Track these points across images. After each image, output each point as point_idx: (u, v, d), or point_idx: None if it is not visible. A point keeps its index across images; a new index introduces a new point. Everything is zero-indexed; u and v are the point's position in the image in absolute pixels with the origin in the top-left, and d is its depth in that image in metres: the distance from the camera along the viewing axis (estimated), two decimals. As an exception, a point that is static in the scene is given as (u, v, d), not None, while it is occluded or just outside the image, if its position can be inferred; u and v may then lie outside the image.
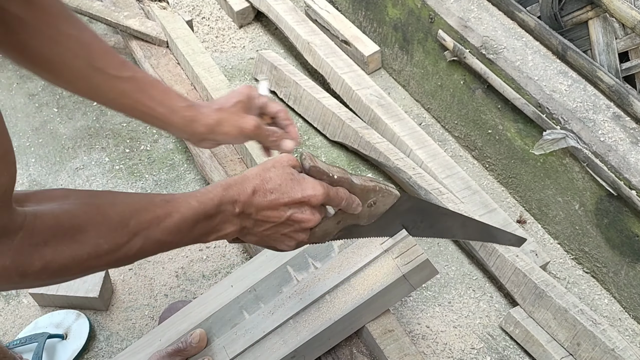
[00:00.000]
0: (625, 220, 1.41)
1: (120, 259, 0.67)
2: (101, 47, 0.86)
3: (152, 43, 1.88)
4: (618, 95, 1.44)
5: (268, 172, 0.79)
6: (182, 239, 0.73)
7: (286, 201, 0.78)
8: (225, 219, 0.76)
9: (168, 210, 0.70)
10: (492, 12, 1.70)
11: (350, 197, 0.85)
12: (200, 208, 0.73)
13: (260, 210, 0.78)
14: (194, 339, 1.11)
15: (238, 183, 0.78)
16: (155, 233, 0.69)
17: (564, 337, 1.34)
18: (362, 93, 1.84)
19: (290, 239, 0.83)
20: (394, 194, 0.91)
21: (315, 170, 0.82)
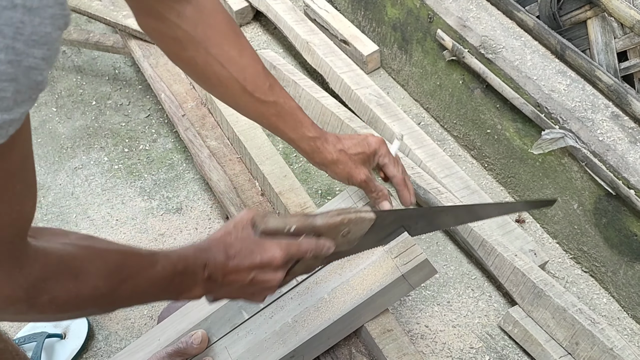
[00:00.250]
0: (624, 220, 1.41)
1: (113, 303, 0.71)
2: (255, 71, 0.96)
3: (151, 42, 1.88)
4: (617, 94, 1.44)
5: (229, 237, 0.82)
6: (159, 293, 0.77)
7: (247, 265, 0.80)
8: (195, 282, 0.79)
9: (152, 261, 0.73)
10: (491, 12, 1.70)
11: (317, 244, 0.85)
12: (179, 265, 0.76)
13: (225, 275, 0.80)
14: (196, 340, 1.11)
15: (207, 249, 0.80)
16: (141, 281, 0.72)
17: (562, 337, 1.34)
18: (361, 92, 1.84)
19: (257, 295, 0.86)
20: (368, 218, 0.89)
21: (268, 231, 0.82)
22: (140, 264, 0.72)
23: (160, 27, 0.93)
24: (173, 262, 0.75)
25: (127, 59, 2.14)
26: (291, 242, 0.83)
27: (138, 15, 0.94)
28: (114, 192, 1.74)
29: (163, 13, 0.90)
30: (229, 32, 0.94)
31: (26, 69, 0.44)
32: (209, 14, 0.93)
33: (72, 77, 2.11)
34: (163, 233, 1.64)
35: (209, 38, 0.93)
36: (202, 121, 1.71)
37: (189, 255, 0.78)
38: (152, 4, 0.90)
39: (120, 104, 2.01)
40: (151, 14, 0.91)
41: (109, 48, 1.99)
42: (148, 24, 0.94)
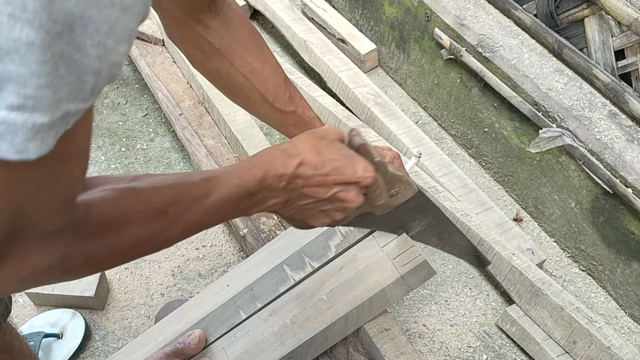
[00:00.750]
0: (621, 218, 1.41)
1: (160, 245, 0.65)
2: (276, 82, 0.97)
3: (148, 41, 1.88)
4: (614, 93, 1.44)
5: (319, 144, 0.74)
6: (223, 218, 0.70)
7: (336, 178, 0.73)
8: (270, 194, 0.71)
9: (207, 189, 0.66)
10: (489, 10, 1.70)
11: (383, 187, 0.81)
12: (242, 186, 0.68)
13: (307, 185, 0.73)
14: (193, 340, 1.11)
15: (286, 155, 0.72)
16: (195, 216, 0.66)
17: (560, 335, 1.34)
18: (359, 91, 1.84)
19: (327, 216, 0.78)
20: (414, 187, 0.87)
21: (364, 149, 0.76)
22: (192, 197, 0.65)
23: (187, 38, 0.95)
24: (235, 186, 0.68)
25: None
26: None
27: (166, 24, 0.96)
28: (111, 192, 1.73)
29: (190, 25, 0.93)
30: (252, 44, 0.97)
31: (110, 65, 0.45)
32: (234, 26, 0.95)
33: (69, 76, 2.10)
34: (160, 232, 1.64)
35: (234, 50, 0.95)
36: (200, 120, 1.71)
37: (257, 172, 0.70)
38: (181, 16, 0.92)
39: (117, 103, 2.00)
40: (179, 24, 0.94)
41: (106, 47, 1.98)
42: (175, 34, 0.97)
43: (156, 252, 0.68)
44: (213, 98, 1.68)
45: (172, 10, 0.92)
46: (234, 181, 0.68)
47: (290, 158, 0.72)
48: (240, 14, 0.97)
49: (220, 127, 1.69)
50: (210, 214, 0.67)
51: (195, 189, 0.66)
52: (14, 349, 1.07)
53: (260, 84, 0.97)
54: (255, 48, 0.97)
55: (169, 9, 0.93)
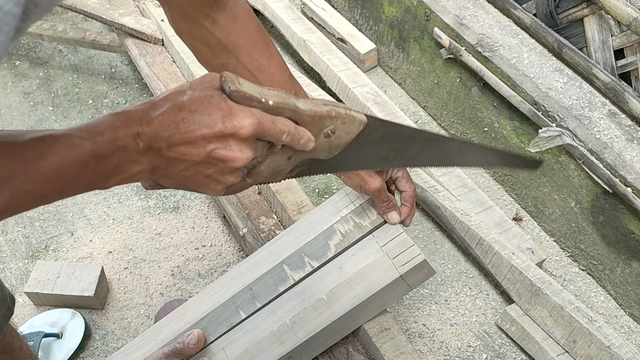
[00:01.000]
0: (621, 218, 1.41)
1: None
2: (282, 79, 0.96)
3: (148, 41, 1.88)
4: (614, 92, 1.44)
5: (182, 96, 0.62)
6: (66, 187, 0.59)
7: (204, 133, 0.61)
8: (128, 158, 0.60)
9: (41, 150, 0.55)
10: (488, 10, 1.70)
11: (297, 130, 0.67)
12: (86, 146, 0.57)
13: (172, 146, 0.62)
14: (192, 340, 1.11)
15: (141, 110, 0.61)
16: (26, 183, 0.55)
17: (560, 335, 1.34)
18: (358, 91, 1.84)
19: (216, 181, 0.66)
20: (358, 119, 0.73)
21: (239, 95, 0.63)
22: (19, 159, 0.55)
23: (194, 33, 0.94)
24: (77, 146, 0.57)
25: (124, 58, 2.14)
26: (264, 113, 0.65)
27: (173, 19, 0.95)
28: (111, 191, 1.73)
29: (198, 19, 0.92)
30: (259, 41, 0.96)
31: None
32: (241, 22, 0.94)
33: (69, 75, 2.11)
34: (160, 232, 1.64)
35: (240, 46, 0.94)
36: (199, 120, 1.71)
37: (104, 129, 0.59)
38: (188, 10, 0.92)
39: (117, 102, 2.00)
40: (186, 19, 0.93)
41: (106, 47, 1.98)
42: (182, 29, 0.96)
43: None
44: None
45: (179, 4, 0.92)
46: (75, 140, 0.57)
47: (146, 114, 0.61)
48: (247, 9, 0.96)
49: (220, 126, 1.69)
50: (48, 181, 0.56)
51: (24, 149, 0.55)
52: (14, 349, 1.07)
53: (266, 80, 0.96)
54: (261, 44, 0.96)
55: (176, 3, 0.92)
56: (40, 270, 1.46)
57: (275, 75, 0.97)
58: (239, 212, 1.46)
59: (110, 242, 1.61)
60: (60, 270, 1.46)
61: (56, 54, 2.19)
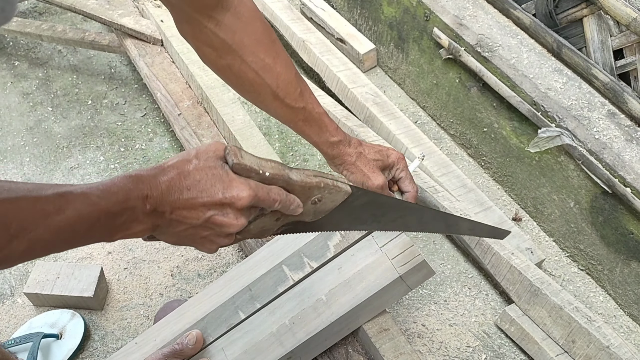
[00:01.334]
0: (620, 218, 1.42)
1: (1, 260, 0.60)
2: (287, 78, 0.96)
3: (147, 41, 1.88)
4: (613, 92, 1.44)
5: (188, 165, 0.69)
6: (79, 239, 0.65)
7: (205, 201, 0.68)
8: (134, 217, 0.66)
9: (59, 205, 0.61)
10: (487, 10, 1.70)
11: (287, 198, 0.75)
12: (101, 204, 0.63)
13: (175, 209, 0.68)
14: (190, 341, 1.11)
15: (151, 176, 0.68)
16: (43, 233, 0.60)
17: (559, 335, 1.34)
18: (358, 91, 1.84)
19: (211, 242, 0.74)
20: (344, 190, 0.81)
21: (240, 167, 0.70)
22: (41, 212, 0.60)
23: (198, 35, 0.93)
24: (92, 204, 0.63)
25: (123, 58, 2.14)
26: (260, 184, 0.71)
27: (177, 22, 0.95)
28: (110, 192, 1.73)
29: (202, 21, 0.91)
30: (264, 40, 0.95)
31: None
32: (246, 21, 0.93)
33: (68, 76, 2.11)
34: (159, 233, 1.63)
35: (246, 46, 0.93)
36: (198, 120, 1.71)
37: (118, 190, 0.65)
38: (190, 13, 0.91)
39: (116, 103, 2.00)
40: (190, 21, 0.92)
41: (105, 47, 1.98)
42: (186, 31, 0.95)
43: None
44: (212, 98, 1.68)
45: (180, 6, 0.91)
46: (92, 199, 0.63)
47: (155, 179, 0.67)
48: (253, 8, 0.95)
49: (219, 127, 1.69)
50: (63, 233, 0.62)
51: (45, 203, 0.61)
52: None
53: (272, 80, 0.96)
54: (267, 43, 0.96)
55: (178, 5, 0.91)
56: (40, 270, 1.46)
57: (281, 74, 0.96)
58: (239, 212, 1.46)
59: (110, 243, 1.61)
60: (59, 270, 1.46)
61: (55, 55, 2.19)
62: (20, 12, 2.32)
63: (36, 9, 2.34)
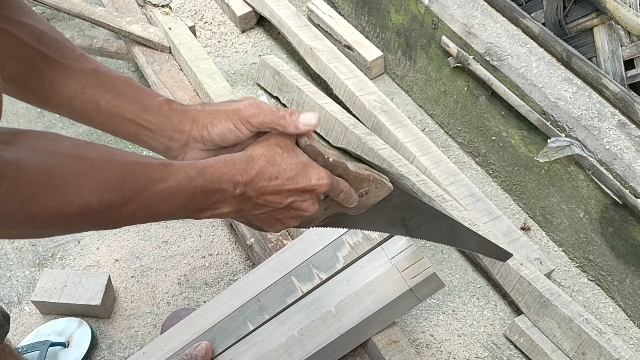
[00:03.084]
0: (631, 229, 1.41)
1: (109, 221, 0.62)
2: (57, 39, 0.76)
3: (155, 49, 1.88)
4: (623, 103, 1.44)
5: (274, 154, 0.73)
6: (174, 211, 0.67)
7: (290, 188, 0.73)
8: (224, 198, 0.70)
9: (164, 174, 0.64)
10: (496, 19, 1.70)
11: (350, 191, 0.80)
12: (199, 180, 0.67)
13: (261, 195, 0.73)
14: (200, 352, 1.10)
15: (242, 162, 0.71)
16: (149, 199, 0.63)
17: (569, 347, 1.33)
18: (365, 99, 1.84)
19: (282, 224, 0.78)
20: (387, 186, 0.85)
21: (311, 149, 0.75)
22: (148, 178, 0.63)
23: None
24: (192, 179, 0.66)
25: (131, 65, 2.14)
26: (332, 175, 0.76)
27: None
28: (118, 199, 1.73)
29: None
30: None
31: None
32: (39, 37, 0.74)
33: (75, 82, 2.10)
34: (166, 240, 1.63)
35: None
36: (206, 128, 1.70)
37: (214, 171, 0.68)
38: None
39: (123, 109, 2.00)
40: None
41: (113, 54, 1.98)
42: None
43: (102, 230, 0.66)
44: (220, 106, 1.68)
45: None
46: (191, 174, 0.66)
47: (246, 167, 0.71)
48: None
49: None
50: (163, 202, 0.64)
51: (152, 170, 0.64)
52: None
53: (32, 38, 0.73)
54: (18, 3, 0.74)
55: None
56: (47, 278, 1.46)
57: (44, 33, 0.75)
58: (246, 221, 1.46)
59: (117, 250, 1.61)
60: (67, 278, 1.46)
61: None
62: (28, 18, 2.32)
63: (44, 15, 2.34)
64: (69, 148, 0.59)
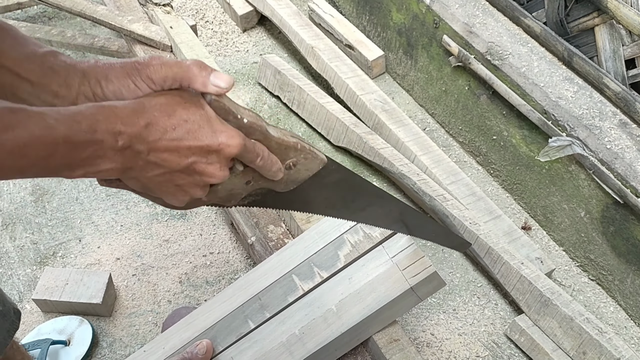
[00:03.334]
0: (632, 229, 1.41)
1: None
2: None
3: (156, 47, 1.88)
4: (624, 102, 1.44)
5: (173, 103, 0.61)
6: (28, 167, 0.55)
7: (191, 144, 0.61)
8: (101, 153, 0.57)
9: (10, 122, 0.52)
10: (498, 18, 1.70)
11: (270, 156, 0.68)
12: (60, 129, 0.54)
13: (154, 150, 0.60)
14: (200, 350, 1.10)
15: (128, 109, 0.59)
16: (22, 135, 0.52)
17: (569, 346, 1.33)
18: (366, 98, 1.84)
19: (185, 193, 0.65)
20: (320, 157, 0.75)
21: (219, 106, 0.63)
22: (22, 115, 0.53)
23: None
24: (49, 128, 0.54)
25: None
26: (244, 136, 0.64)
27: None
28: (119, 198, 1.73)
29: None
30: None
31: None
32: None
33: (77, 81, 2.11)
34: (168, 239, 1.63)
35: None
36: (207, 127, 1.70)
37: (83, 119, 0.56)
38: None
39: (124, 108, 2.00)
40: None
41: (114, 53, 1.98)
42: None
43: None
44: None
45: None
46: (49, 121, 0.54)
47: (134, 115, 0.59)
48: None
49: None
50: (11, 155, 0.53)
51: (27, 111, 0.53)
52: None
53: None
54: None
55: None
56: (49, 277, 1.46)
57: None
58: (248, 220, 1.46)
59: (118, 249, 1.61)
60: (68, 277, 1.46)
61: (64, 59, 2.19)
62: (30, 17, 2.33)
63: (45, 14, 2.34)
64: None
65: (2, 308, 0.94)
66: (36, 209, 1.70)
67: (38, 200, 1.72)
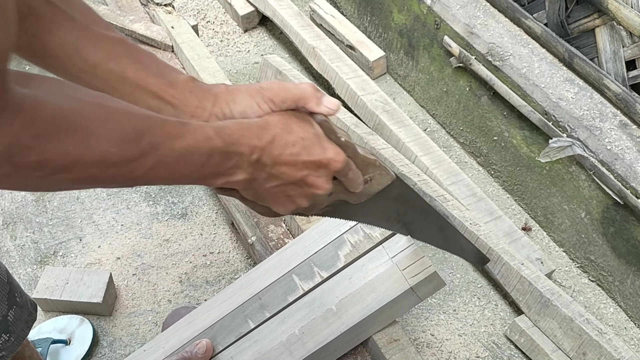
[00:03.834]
0: (632, 229, 1.41)
1: (125, 175, 0.58)
2: (84, 3, 0.74)
3: (158, 47, 1.88)
4: (625, 103, 1.44)
5: (290, 121, 0.69)
6: (191, 172, 0.62)
7: (305, 159, 0.68)
8: (240, 163, 0.65)
9: (181, 131, 0.60)
10: (499, 19, 1.70)
11: (357, 172, 0.75)
12: (217, 140, 0.63)
13: (277, 164, 0.67)
14: (200, 349, 1.11)
15: (257, 126, 0.67)
16: (166, 155, 0.59)
17: (569, 347, 1.33)
18: (367, 98, 1.84)
19: (292, 202, 0.72)
20: (390, 174, 0.82)
21: (327, 126, 0.71)
22: (167, 135, 0.59)
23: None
24: (210, 138, 0.62)
25: None
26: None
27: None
28: (119, 197, 1.74)
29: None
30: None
31: None
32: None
33: (78, 80, 2.11)
34: (168, 239, 1.64)
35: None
36: (208, 127, 1.71)
37: (232, 132, 0.64)
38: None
39: (125, 108, 2.01)
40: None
41: (115, 52, 1.98)
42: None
43: (116, 187, 0.62)
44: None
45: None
46: (209, 133, 0.62)
47: (262, 131, 0.66)
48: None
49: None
50: (181, 160, 0.60)
51: (170, 127, 0.60)
52: (24, 357, 1.07)
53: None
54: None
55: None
56: (49, 276, 1.47)
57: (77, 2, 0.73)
58: (248, 220, 1.46)
59: (119, 248, 1.61)
60: (68, 276, 1.47)
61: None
62: (32, 17, 2.33)
63: (47, 14, 2.35)
64: (88, 95, 0.56)
65: (20, 300, 0.95)
66: (37, 208, 1.70)
67: (39, 200, 1.72)
